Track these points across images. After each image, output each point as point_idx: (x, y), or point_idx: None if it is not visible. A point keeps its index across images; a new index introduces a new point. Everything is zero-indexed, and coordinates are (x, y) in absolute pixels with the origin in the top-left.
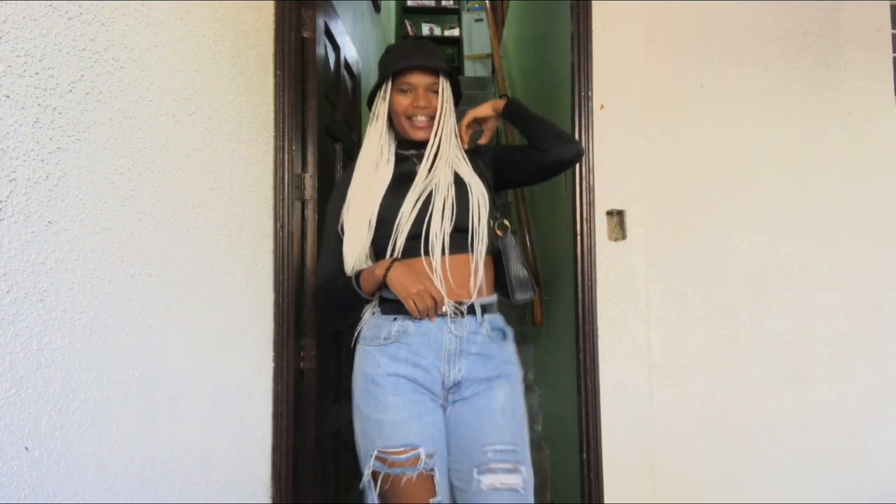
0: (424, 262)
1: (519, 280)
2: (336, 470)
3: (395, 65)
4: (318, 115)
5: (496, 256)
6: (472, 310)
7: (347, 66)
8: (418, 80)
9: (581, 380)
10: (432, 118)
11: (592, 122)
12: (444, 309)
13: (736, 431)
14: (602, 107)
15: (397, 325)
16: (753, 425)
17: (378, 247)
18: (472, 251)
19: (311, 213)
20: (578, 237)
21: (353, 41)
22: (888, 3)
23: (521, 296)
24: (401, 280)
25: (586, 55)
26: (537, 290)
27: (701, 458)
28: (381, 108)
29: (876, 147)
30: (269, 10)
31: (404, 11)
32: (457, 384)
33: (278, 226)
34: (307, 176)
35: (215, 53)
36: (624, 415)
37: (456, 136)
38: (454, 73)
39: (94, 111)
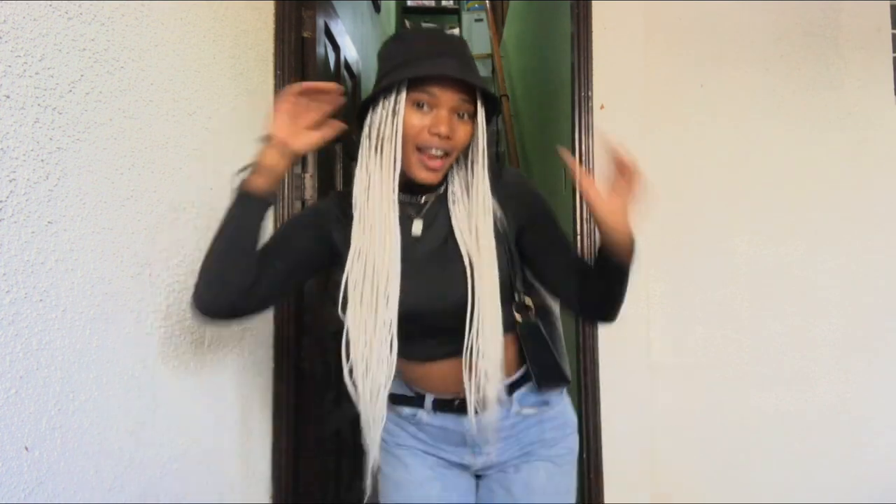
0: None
1: (545, 370)
2: (336, 470)
3: (413, 65)
4: None
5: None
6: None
7: (347, 66)
8: (445, 95)
9: (581, 380)
10: (450, 155)
11: (592, 122)
12: (455, 403)
13: (736, 431)
14: (602, 107)
15: (407, 411)
16: (753, 425)
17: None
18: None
19: None
20: (578, 237)
21: (353, 41)
22: (888, 3)
23: (551, 387)
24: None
25: (586, 55)
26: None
27: (701, 458)
28: (390, 126)
29: (876, 147)
30: (269, 10)
31: (404, 11)
32: (487, 467)
33: (278, 226)
34: (307, 176)
35: (215, 53)
36: (624, 415)
37: (483, 183)
38: (495, 97)
39: (94, 111)
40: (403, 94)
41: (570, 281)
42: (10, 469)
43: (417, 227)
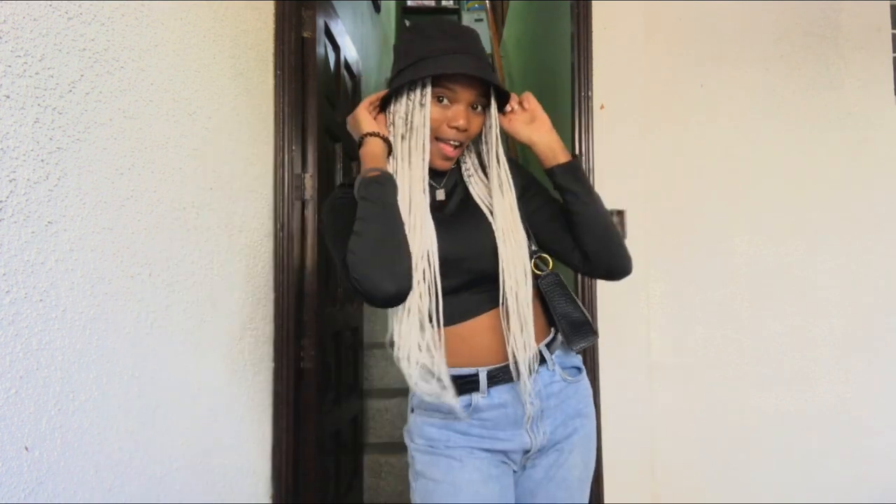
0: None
1: (573, 323)
2: (336, 470)
3: (436, 61)
4: (318, 115)
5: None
6: (539, 358)
7: (347, 66)
8: (465, 91)
9: None
10: (463, 144)
11: (592, 122)
12: (514, 374)
13: (736, 431)
14: (602, 107)
15: (463, 401)
16: (753, 425)
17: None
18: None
19: (311, 213)
20: None
21: (353, 41)
22: (888, 3)
23: (581, 342)
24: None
25: (586, 55)
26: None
27: (701, 458)
28: (419, 117)
29: (876, 147)
30: (269, 10)
31: (404, 11)
32: (539, 450)
33: (278, 226)
34: (307, 176)
35: (215, 53)
36: (624, 415)
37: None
38: (507, 92)
39: (94, 111)
40: (429, 89)
41: (568, 240)
42: (10, 469)
43: (440, 195)
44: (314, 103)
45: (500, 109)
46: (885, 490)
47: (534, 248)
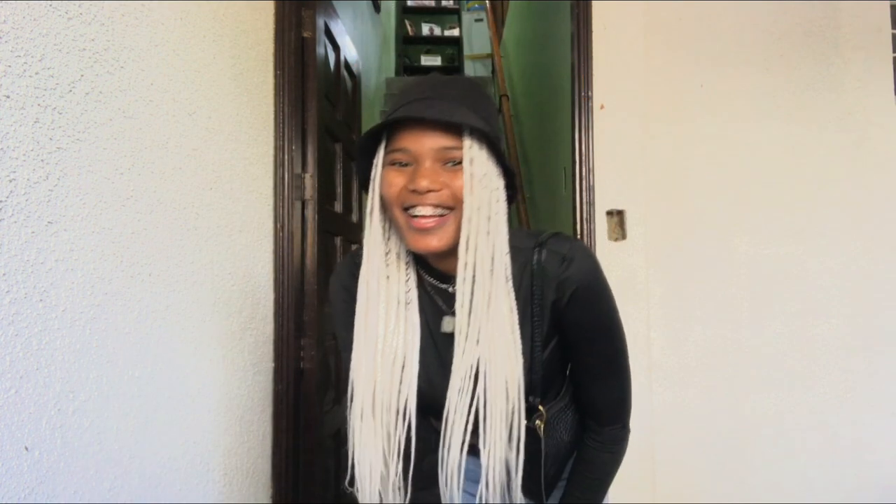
0: None
1: (526, 480)
2: (336, 470)
3: (392, 111)
4: (318, 115)
5: None
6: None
7: (347, 66)
8: (418, 144)
9: None
10: (449, 209)
11: (592, 122)
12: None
13: (736, 431)
14: (602, 107)
15: None
16: (753, 425)
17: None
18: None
19: (311, 213)
20: (578, 237)
21: (353, 41)
22: (888, 3)
23: (528, 496)
24: None
25: (586, 55)
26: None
27: (701, 457)
28: (371, 195)
29: (876, 147)
30: (269, 10)
31: (404, 11)
32: None
33: (278, 226)
34: (307, 176)
35: (215, 53)
36: None
37: (501, 254)
38: (495, 136)
39: (94, 111)
40: (380, 158)
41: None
42: (10, 469)
43: (449, 324)
44: (314, 103)
45: (507, 175)
46: (885, 490)
47: (536, 383)
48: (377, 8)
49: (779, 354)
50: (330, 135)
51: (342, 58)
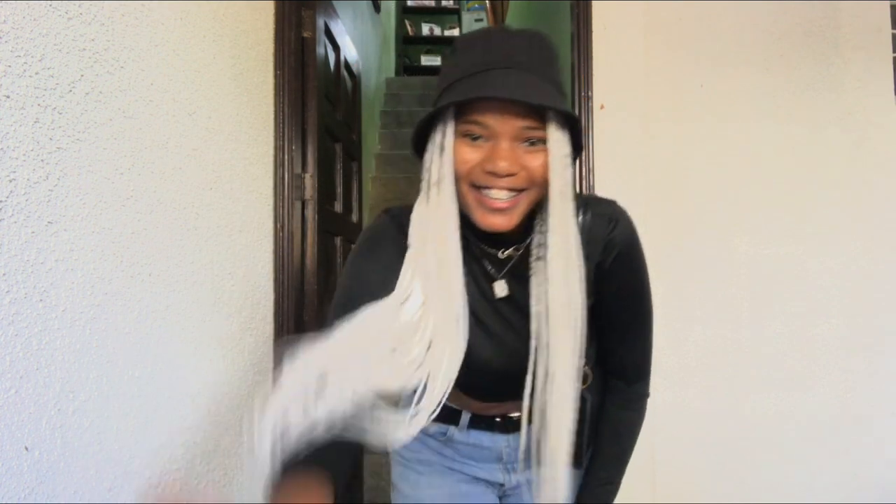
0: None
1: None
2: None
3: (459, 86)
4: (318, 115)
5: None
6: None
7: (347, 66)
8: (500, 122)
9: None
10: (520, 191)
11: (592, 122)
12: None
13: (735, 431)
14: (602, 107)
15: (439, 429)
16: (753, 425)
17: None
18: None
19: (311, 213)
20: None
21: (353, 41)
22: (888, 3)
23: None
24: None
25: (586, 55)
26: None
27: (701, 458)
28: (437, 166)
29: (876, 147)
30: (269, 10)
31: (404, 11)
32: (515, 486)
33: (278, 226)
34: (307, 176)
35: (215, 53)
36: None
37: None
38: (573, 115)
39: (94, 111)
40: (451, 126)
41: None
42: (10, 469)
43: (501, 288)
44: (314, 103)
45: (576, 148)
46: (886, 490)
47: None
48: (377, 8)
49: (779, 354)
50: (330, 135)
51: (342, 58)
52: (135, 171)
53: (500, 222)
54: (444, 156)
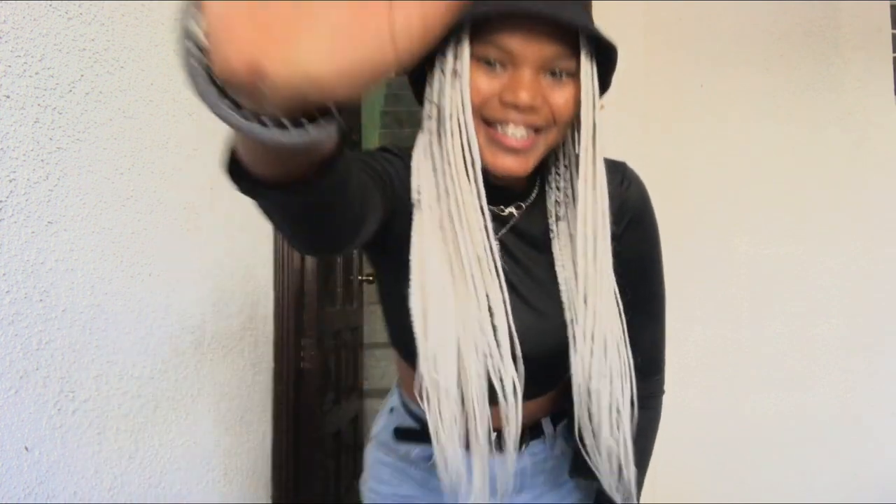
0: None
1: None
2: (336, 470)
3: (481, 7)
4: None
5: None
6: (537, 431)
7: None
8: (525, 46)
9: None
10: (539, 131)
11: None
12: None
13: (735, 431)
14: (602, 107)
15: (419, 450)
16: (753, 425)
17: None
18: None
19: None
20: None
21: None
22: (888, 3)
23: (582, 475)
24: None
25: None
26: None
27: (701, 458)
28: (449, 95)
29: (876, 147)
30: None
31: None
32: None
33: None
34: None
35: None
36: None
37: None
38: (611, 44)
39: (94, 111)
40: (466, 48)
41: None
42: (10, 469)
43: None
44: None
45: (605, 80)
46: (886, 490)
47: None
48: None
49: (779, 354)
50: None
51: None
52: (135, 171)
53: (514, 165)
54: (458, 82)
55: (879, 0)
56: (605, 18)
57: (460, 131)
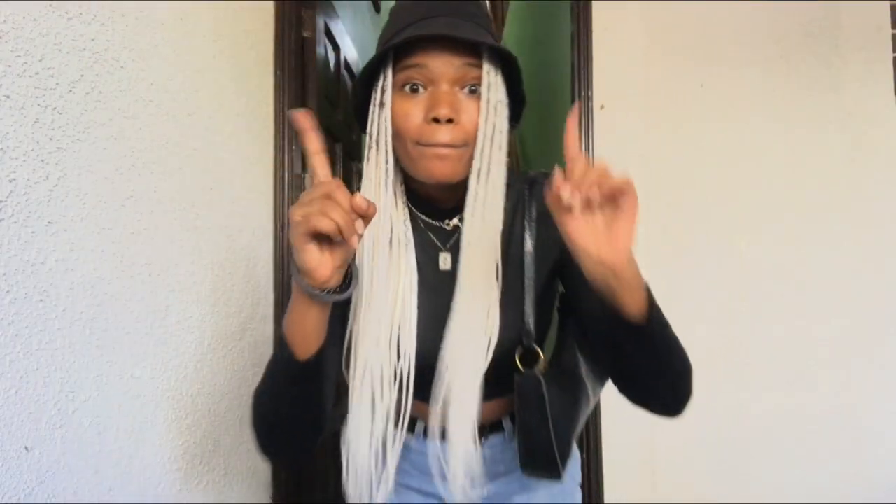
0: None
1: (530, 448)
2: (336, 470)
3: (396, 31)
4: (318, 115)
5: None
6: (497, 427)
7: (347, 66)
8: (438, 63)
9: None
10: (464, 145)
11: (592, 122)
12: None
13: (736, 431)
14: (602, 107)
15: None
16: (753, 425)
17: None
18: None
19: None
20: None
21: (353, 41)
22: (888, 3)
23: (530, 471)
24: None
25: (586, 55)
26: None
27: (701, 458)
28: (377, 123)
29: (876, 147)
30: (269, 10)
31: None
32: None
33: (278, 226)
34: (307, 176)
35: (215, 53)
36: (624, 415)
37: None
38: (511, 55)
39: (94, 111)
40: (389, 79)
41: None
42: (10, 469)
43: (446, 261)
44: (314, 103)
45: (513, 93)
46: (886, 490)
47: (530, 327)
48: (377, 8)
49: (779, 355)
50: (330, 135)
51: (342, 58)
52: (135, 171)
53: (444, 169)
54: (383, 111)
55: (879, 0)
56: (606, 19)
57: (385, 149)
